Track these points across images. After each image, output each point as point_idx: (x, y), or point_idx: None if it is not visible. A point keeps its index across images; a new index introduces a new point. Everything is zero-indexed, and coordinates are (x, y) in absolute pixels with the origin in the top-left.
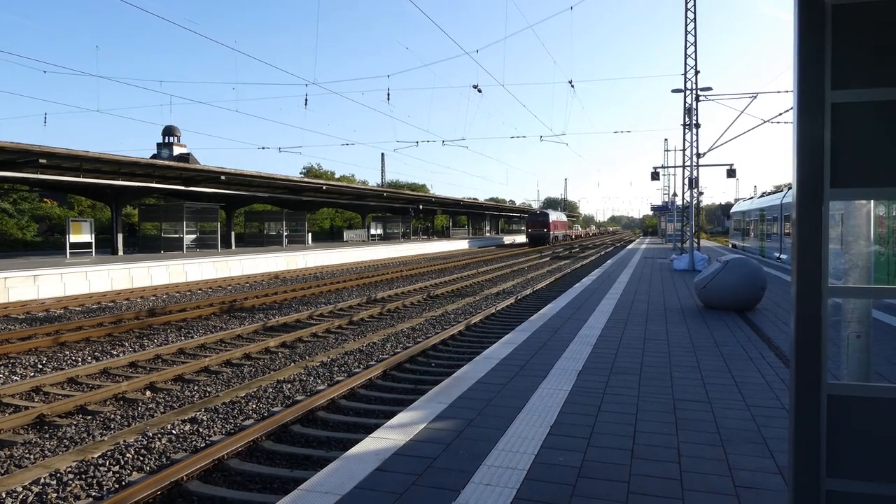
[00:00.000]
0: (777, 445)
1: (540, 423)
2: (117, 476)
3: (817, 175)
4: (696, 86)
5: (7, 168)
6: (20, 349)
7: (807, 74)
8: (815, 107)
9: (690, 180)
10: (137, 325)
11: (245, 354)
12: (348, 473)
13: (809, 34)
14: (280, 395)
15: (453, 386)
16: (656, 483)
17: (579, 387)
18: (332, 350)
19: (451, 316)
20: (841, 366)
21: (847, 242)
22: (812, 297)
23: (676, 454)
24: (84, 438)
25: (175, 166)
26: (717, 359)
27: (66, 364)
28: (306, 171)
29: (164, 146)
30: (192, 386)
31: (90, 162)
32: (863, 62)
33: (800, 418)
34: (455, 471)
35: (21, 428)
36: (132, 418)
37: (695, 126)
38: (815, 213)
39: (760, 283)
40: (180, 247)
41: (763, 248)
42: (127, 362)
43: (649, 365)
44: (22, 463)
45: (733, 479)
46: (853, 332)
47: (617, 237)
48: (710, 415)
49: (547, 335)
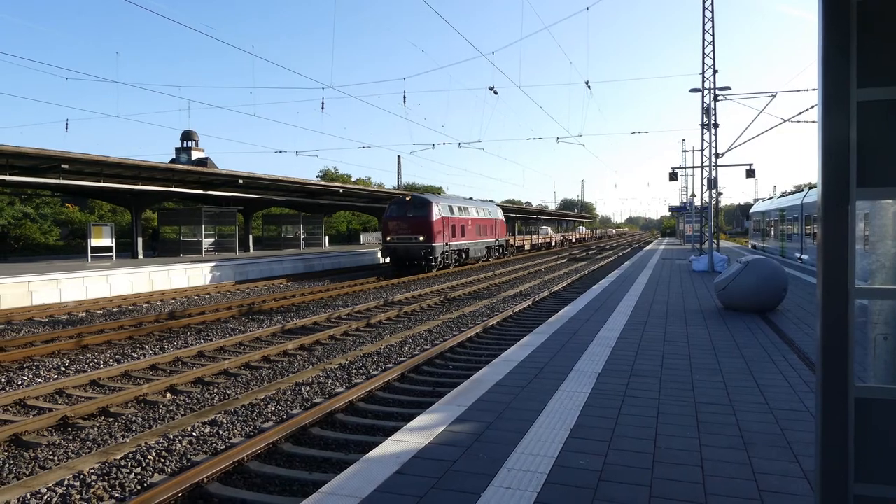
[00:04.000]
0: (802, 449)
1: (560, 425)
2: (139, 478)
3: (843, 175)
4: (714, 85)
5: (30, 174)
6: (44, 352)
7: (831, 72)
8: (840, 105)
9: (709, 180)
10: (157, 328)
11: (264, 357)
12: (368, 476)
13: (834, 31)
14: (299, 397)
15: (472, 389)
16: (679, 487)
17: (599, 389)
18: (349, 353)
19: (469, 318)
20: (868, 368)
21: (873, 242)
22: (838, 298)
23: (699, 458)
24: (106, 440)
25: (194, 170)
26: (739, 361)
27: (89, 367)
28: (323, 174)
29: (182, 150)
30: (211, 388)
31: (111, 167)
32: (890, 59)
33: (827, 422)
34: (475, 474)
35: (45, 430)
36: (153, 420)
37: (713, 126)
38: (841, 213)
39: (782, 283)
40: (199, 250)
41: (783, 248)
42: (147, 365)
43: (670, 367)
44: (46, 464)
45: (757, 483)
46: (880, 334)
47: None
48: (733, 418)
49: (565, 337)
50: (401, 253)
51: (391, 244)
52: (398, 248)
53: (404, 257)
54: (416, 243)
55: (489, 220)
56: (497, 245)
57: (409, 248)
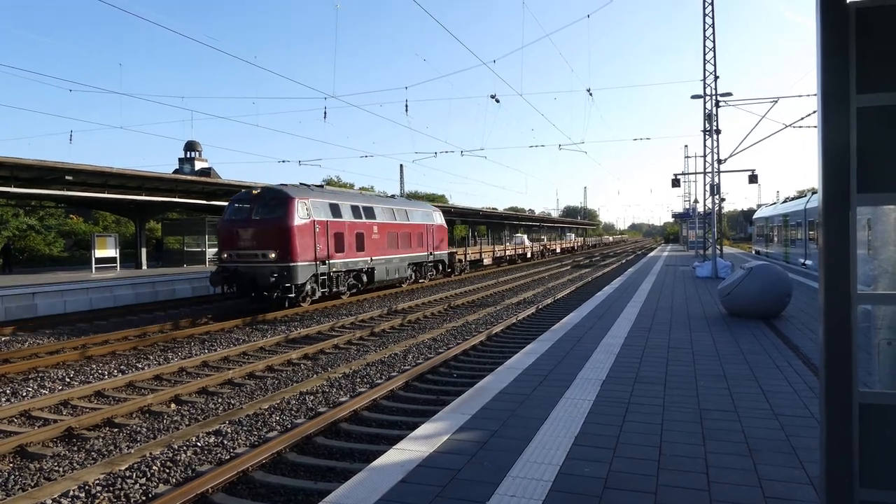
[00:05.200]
0: (807, 455)
1: (564, 433)
2: (144, 488)
3: (844, 180)
4: (715, 91)
5: (34, 185)
6: (48, 363)
7: (831, 79)
8: (840, 111)
9: (712, 186)
10: (162, 339)
11: (268, 366)
12: (373, 486)
13: (832, 38)
14: (303, 406)
15: (476, 396)
16: (684, 494)
17: (603, 396)
18: (354, 361)
19: (472, 326)
20: (872, 373)
21: (876, 248)
22: (841, 303)
23: (704, 464)
24: (111, 451)
25: (197, 181)
26: (744, 367)
27: (94, 377)
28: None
29: (185, 161)
30: (216, 398)
31: (115, 178)
32: (889, 65)
33: (831, 428)
34: (480, 482)
35: (50, 441)
36: (158, 431)
37: (715, 132)
38: (843, 218)
39: (786, 289)
40: (203, 260)
41: (787, 253)
42: (152, 375)
43: (674, 374)
44: (51, 476)
45: (763, 489)
46: (884, 339)
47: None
48: (738, 424)
49: (569, 345)
50: (239, 278)
51: (227, 264)
52: (237, 269)
53: (246, 285)
54: (264, 263)
55: (415, 226)
56: (432, 261)
57: (252, 269)
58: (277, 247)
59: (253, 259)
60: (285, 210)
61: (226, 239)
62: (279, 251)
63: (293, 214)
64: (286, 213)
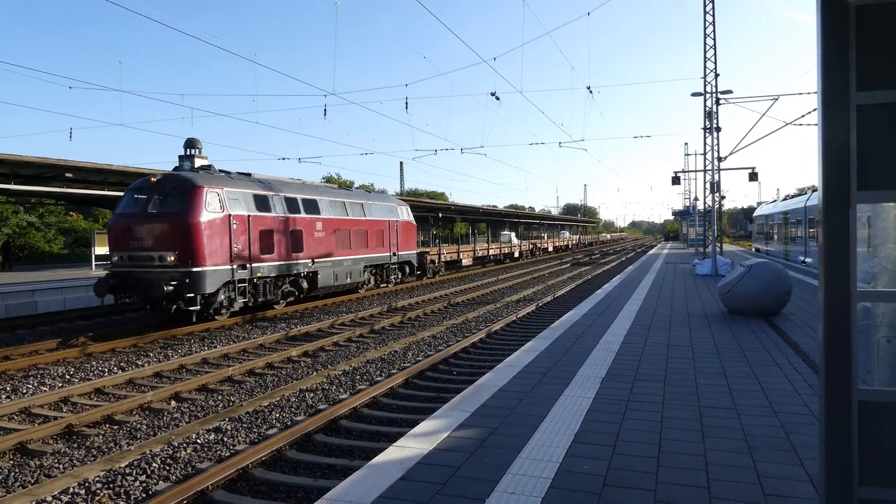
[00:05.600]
0: (807, 453)
1: (564, 430)
2: (144, 485)
3: (844, 178)
4: (716, 89)
5: (34, 182)
6: (48, 360)
7: (831, 76)
8: (839, 109)
9: (712, 184)
10: (161, 336)
11: (268, 364)
12: (372, 483)
13: (833, 35)
14: (303, 403)
15: (476, 394)
16: (683, 491)
17: (603, 394)
18: (353, 359)
19: (472, 324)
20: (872, 371)
21: (876, 245)
22: (840, 301)
23: (703, 462)
24: (111, 448)
25: None
26: (743, 364)
27: (93, 375)
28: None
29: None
30: (215, 395)
31: (115, 175)
32: (889, 63)
33: (831, 425)
34: (479, 480)
35: (50, 438)
36: (158, 428)
37: (715, 129)
38: (843, 216)
39: (785, 286)
40: None
41: (787, 251)
42: (152, 372)
43: (674, 371)
44: (51, 472)
45: (762, 487)
46: (884, 337)
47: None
48: (737, 421)
49: (569, 342)
50: (133, 285)
51: (118, 268)
52: (130, 275)
53: (140, 293)
54: (161, 267)
55: (373, 222)
56: (395, 262)
57: (146, 276)
58: (177, 247)
59: (148, 263)
60: (189, 202)
61: (117, 237)
62: (180, 252)
63: (199, 207)
64: (190, 205)
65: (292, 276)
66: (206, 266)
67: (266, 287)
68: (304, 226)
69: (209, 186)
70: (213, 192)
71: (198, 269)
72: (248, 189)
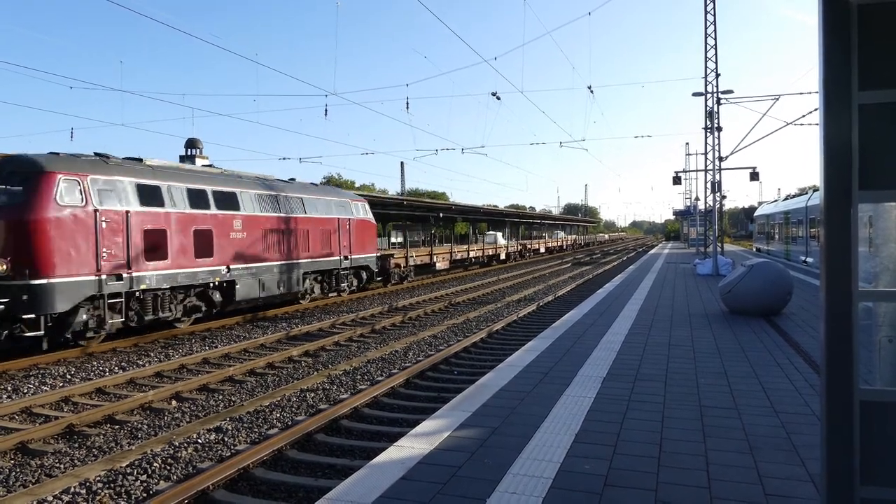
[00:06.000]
0: (808, 453)
1: (565, 430)
2: (145, 485)
3: (845, 177)
4: (716, 89)
5: None
6: (49, 360)
7: (832, 76)
8: (841, 108)
9: (713, 184)
10: (162, 336)
11: (268, 363)
12: (373, 483)
13: (834, 35)
14: (303, 403)
15: (477, 394)
16: (684, 491)
17: (604, 394)
18: (354, 358)
19: (473, 323)
20: (873, 371)
21: (877, 245)
22: (842, 300)
23: (704, 462)
24: (112, 448)
25: None
26: (744, 364)
27: (94, 374)
28: (327, 180)
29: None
30: (216, 395)
31: None
32: (891, 62)
33: (832, 425)
34: (480, 480)
35: (51, 437)
36: (159, 427)
37: (716, 129)
38: (844, 215)
39: (786, 286)
40: None
41: (788, 251)
42: (153, 372)
43: (675, 371)
44: (52, 472)
45: (763, 487)
46: (885, 336)
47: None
48: (738, 421)
49: (570, 342)
50: None
51: None
52: None
53: None
54: None
55: (317, 220)
56: (348, 268)
57: None
58: (10, 252)
59: None
60: (31, 192)
61: None
62: (13, 259)
63: (47, 199)
64: (32, 196)
65: (199, 288)
66: (55, 277)
67: (157, 302)
68: (215, 224)
69: (63, 172)
70: (69, 180)
71: (40, 281)
72: (129, 177)
